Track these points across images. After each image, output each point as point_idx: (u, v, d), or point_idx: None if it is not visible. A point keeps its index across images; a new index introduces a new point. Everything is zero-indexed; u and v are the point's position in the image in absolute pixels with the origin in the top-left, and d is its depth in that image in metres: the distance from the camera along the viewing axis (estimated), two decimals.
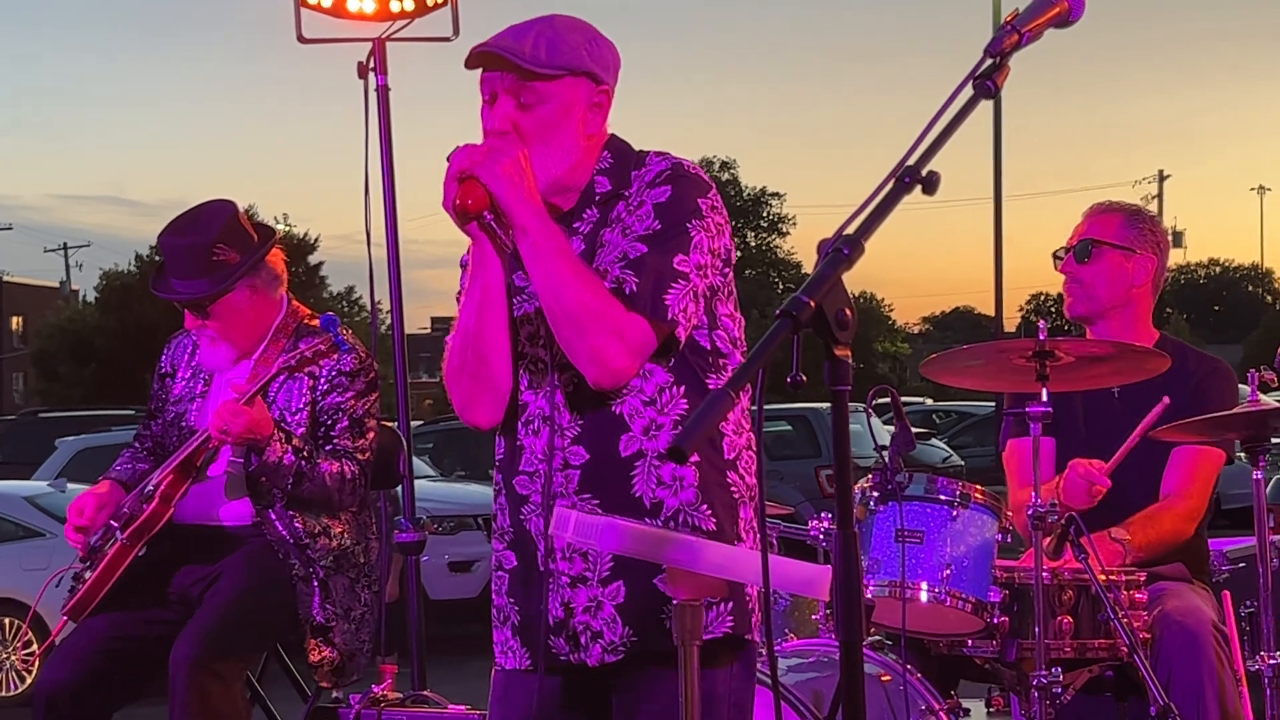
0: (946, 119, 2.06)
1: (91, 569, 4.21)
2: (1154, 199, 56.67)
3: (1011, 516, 3.67)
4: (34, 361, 47.59)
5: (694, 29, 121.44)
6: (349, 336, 4.19)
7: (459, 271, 2.88)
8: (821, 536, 4.19)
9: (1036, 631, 3.48)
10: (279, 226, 26.84)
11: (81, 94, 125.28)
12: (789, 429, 16.59)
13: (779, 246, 61.68)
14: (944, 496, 3.57)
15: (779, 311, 1.93)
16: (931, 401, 36.29)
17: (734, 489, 2.78)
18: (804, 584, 2.36)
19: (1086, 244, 4.15)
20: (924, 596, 3.49)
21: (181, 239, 4.23)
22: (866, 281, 63.59)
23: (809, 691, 3.75)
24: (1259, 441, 3.73)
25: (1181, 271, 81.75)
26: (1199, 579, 4.03)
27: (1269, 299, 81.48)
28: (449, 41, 5.66)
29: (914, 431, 3.69)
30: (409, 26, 5.67)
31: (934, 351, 4.02)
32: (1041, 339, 3.57)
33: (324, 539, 4.20)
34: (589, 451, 2.74)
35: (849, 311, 1.97)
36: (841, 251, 1.97)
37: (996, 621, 3.53)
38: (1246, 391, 3.77)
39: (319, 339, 4.12)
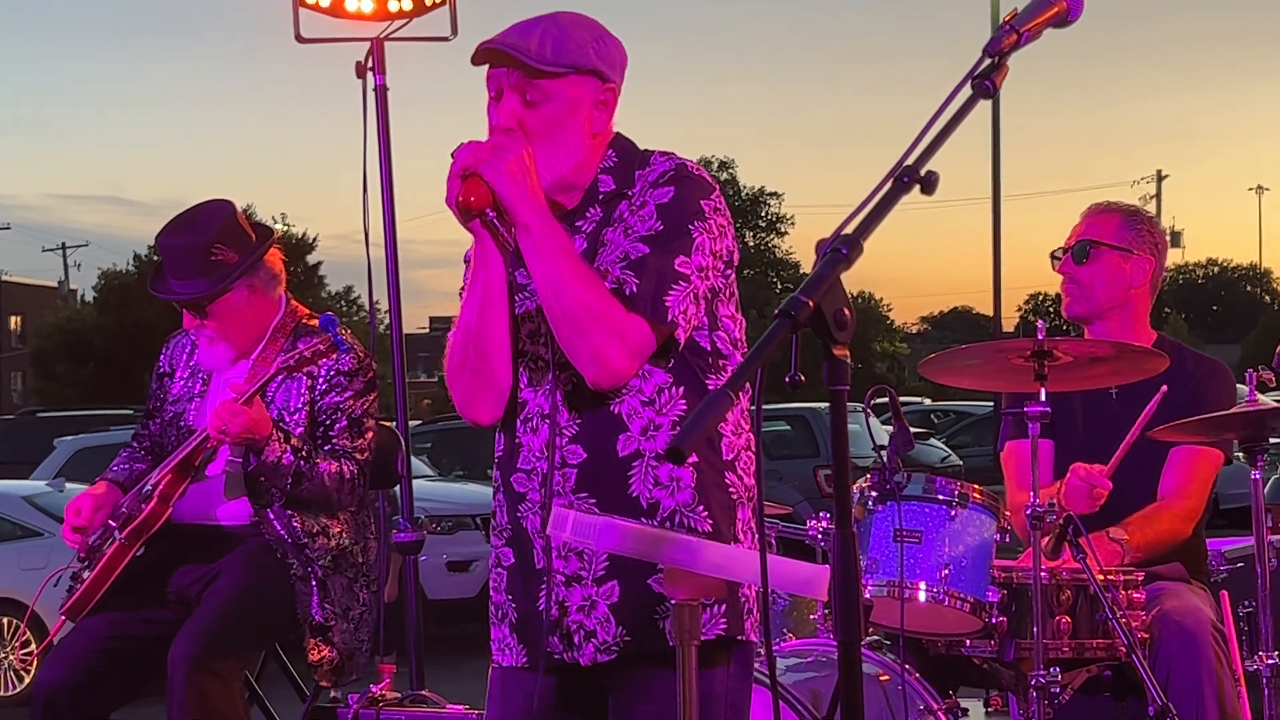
0: (945, 119, 2.06)
1: (89, 568, 4.20)
2: (1152, 199, 56.66)
3: (1010, 518, 3.67)
4: (32, 361, 47.58)
5: (693, 29, 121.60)
6: (348, 336, 4.18)
7: (457, 271, 2.88)
8: (820, 536, 4.19)
9: (1035, 631, 3.49)
10: (277, 226, 26.86)
11: (80, 94, 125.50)
12: (787, 429, 16.60)
13: (777, 246, 61.60)
14: (942, 496, 3.57)
15: (777, 311, 1.92)
16: (930, 401, 36.30)
17: (732, 490, 2.78)
18: (802, 584, 2.36)
19: (1084, 245, 4.15)
20: (922, 596, 3.49)
21: (180, 239, 4.23)
22: (865, 281, 63.57)
23: (807, 691, 3.75)
24: (1257, 441, 3.73)
25: (1180, 271, 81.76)
26: (1197, 579, 4.03)
27: (1267, 299, 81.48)
28: (447, 41, 5.66)
29: (912, 431, 3.69)
30: (407, 26, 5.66)
31: (932, 351, 4.02)
32: (1040, 339, 3.57)
33: (322, 538, 4.20)
34: (586, 451, 2.74)
35: (847, 311, 1.96)
36: (840, 251, 1.97)
37: (995, 621, 3.53)
38: (1245, 391, 3.77)
39: (318, 339, 4.11)
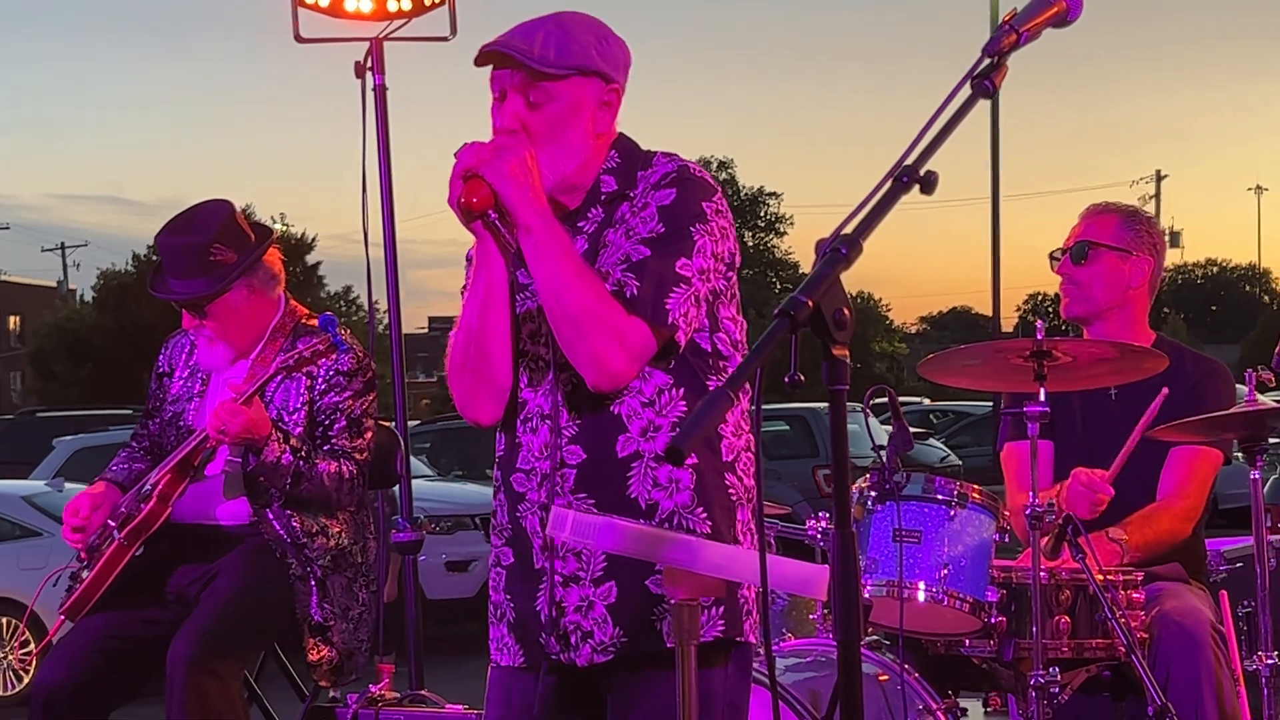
0: (945, 118, 2.06)
1: (88, 568, 4.20)
2: (1151, 199, 56.62)
3: (1010, 519, 3.66)
4: (31, 361, 47.53)
5: (692, 28, 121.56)
6: (347, 336, 4.18)
7: (457, 271, 2.88)
8: (819, 536, 4.19)
9: (1034, 631, 3.48)
10: (276, 226, 26.79)
11: (79, 93, 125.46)
12: (786, 429, 16.60)
13: (776, 246, 61.59)
14: (941, 496, 3.57)
15: (777, 311, 1.92)
16: (929, 401, 36.31)
17: (732, 491, 2.77)
18: (801, 583, 2.36)
19: (1083, 246, 4.15)
20: (921, 596, 3.49)
21: (179, 239, 4.23)
22: (864, 281, 63.55)
23: (806, 691, 3.75)
24: (1256, 441, 3.73)
25: (1179, 271, 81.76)
26: (1196, 579, 4.03)
27: (1266, 299, 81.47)
28: (446, 41, 5.65)
29: (911, 431, 3.69)
30: (406, 26, 5.66)
31: (931, 351, 4.02)
32: (1039, 339, 3.57)
33: (322, 538, 4.20)
34: (586, 451, 2.73)
35: (847, 311, 1.96)
36: (839, 251, 1.97)
37: (994, 621, 3.53)
38: (1244, 391, 3.77)
39: (317, 339, 4.11)
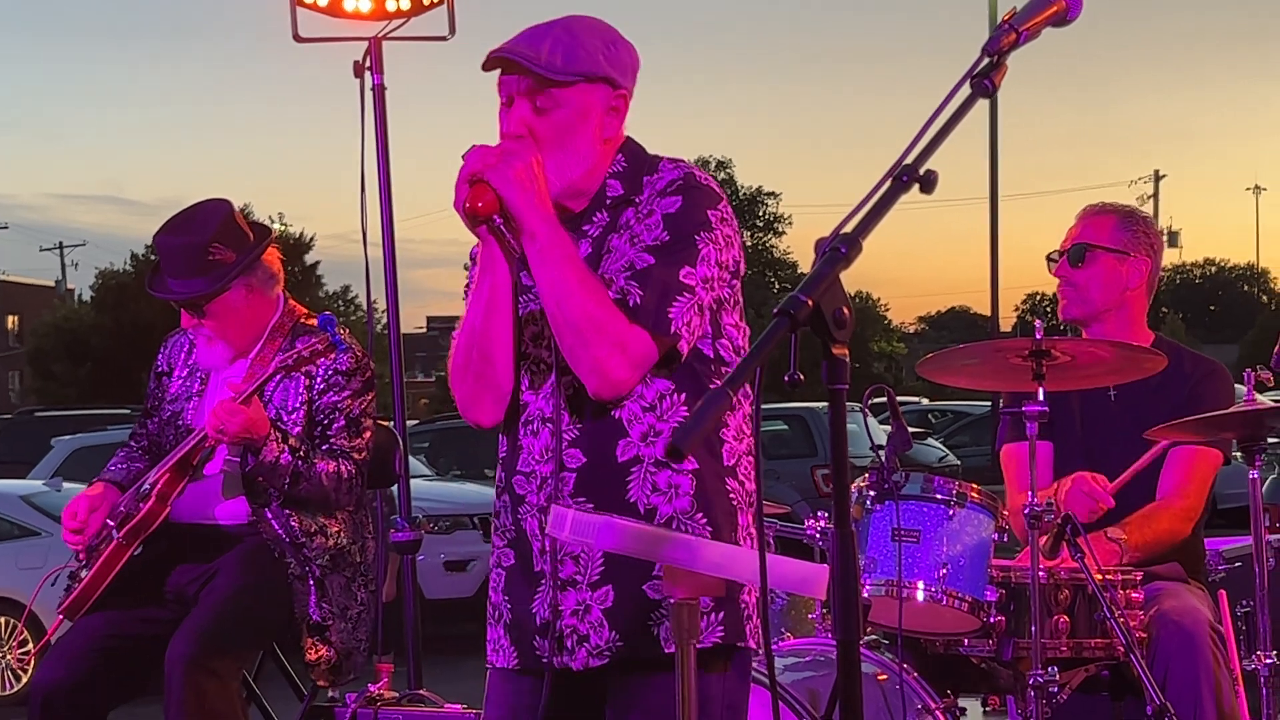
0: (944, 118, 2.05)
1: (87, 568, 4.20)
2: (1150, 199, 56.56)
3: (1010, 518, 3.66)
4: (29, 360, 47.52)
5: (691, 28, 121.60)
6: (346, 336, 4.17)
7: (455, 271, 2.92)
8: (818, 535, 4.19)
9: (1033, 631, 3.48)
10: (274, 226, 26.84)
11: (78, 93, 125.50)
12: (785, 429, 16.61)
13: (775, 246, 61.56)
14: (940, 496, 3.57)
15: (776, 310, 1.92)
16: (927, 401, 36.32)
17: (733, 496, 2.76)
18: (801, 583, 2.36)
19: (1080, 248, 4.14)
20: (920, 596, 3.49)
21: (177, 238, 4.23)
22: (862, 281, 63.58)
23: (805, 691, 3.75)
24: (1255, 441, 3.73)
25: (1177, 271, 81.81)
26: (1195, 579, 4.03)
27: (1264, 299, 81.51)
28: (445, 41, 5.65)
29: (910, 431, 3.69)
30: (405, 25, 5.65)
31: (929, 351, 4.02)
32: (1038, 338, 3.57)
33: (320, 538, 4.20)
34: (585, 455, 2.73)
35: (847, 310, 1.95)
36: (839, 250, 1.96)
37: (993, 621, 3.53)
38: (1243, 391, 3.77)
39: (316, 338, 4.11)
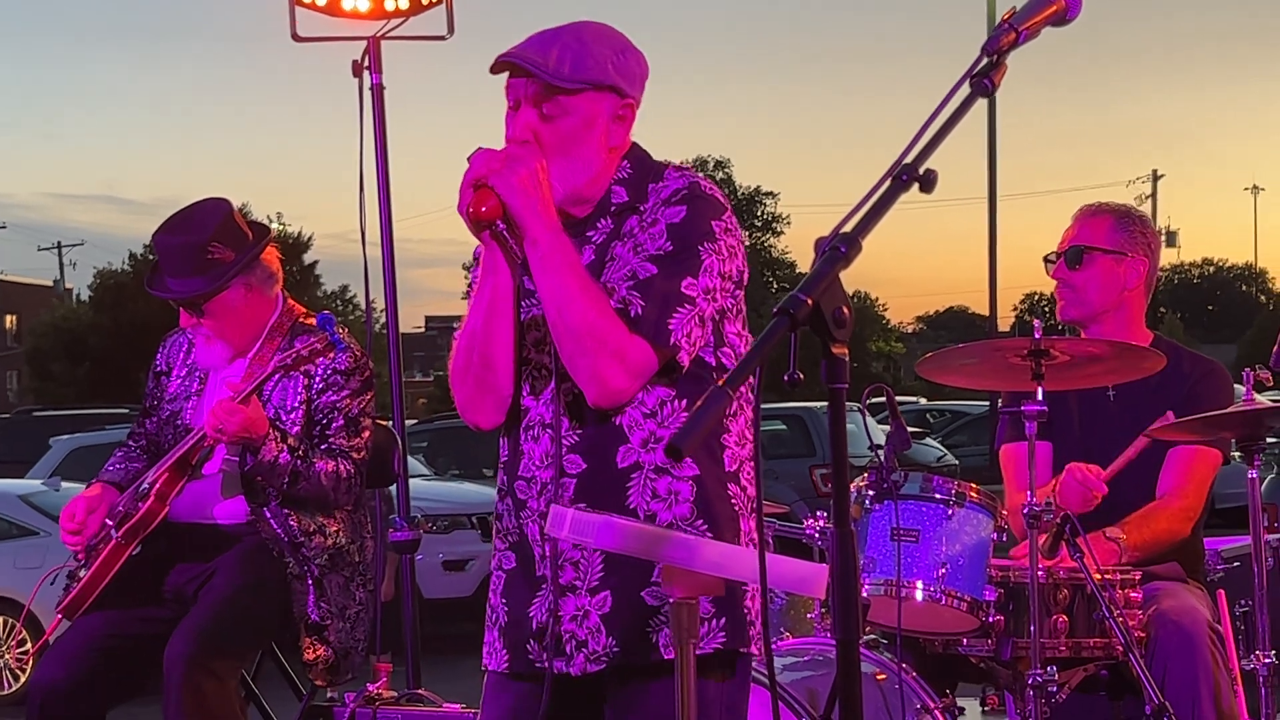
0: (943, 117, 2.05)
1: (86, 567, 4.20)
2: (1148, 198, 56.55)
3: (1009, 518, 3.66)
4: (28, 360, 47.52)
5: (689, 28, 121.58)
6: (345, 335, 4.17)
7: (454, 271, 2.95)
8: (817, 535, 4.19)
9: (1032, 630, 3.49)
10: (273, 225, 26.82)
11: (76, 92, 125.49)
12: (784, 428, 16.62)
13: (773, 246, 61.55)
14: (939, 495, 3.57)
15: (776, 310, 1.92)
16: (925, 401, 36.33)
17: (735, 501, 2.76)
18: (800, 582, 2.36)
19: (1077, 250, 4.14)
20: (919, 595, 3.49)
21: (176, 237, 4.23)
22: (861, 281, 63.62)
23: (804, 690, 3.75)
24: (1254, 441, 3.73)
25: (1175, 271, 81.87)
26: (1194, 578, 4.03)
27: (1263, 299, 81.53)
28: (443, 40, 5.65)
29: (908, 430, 3.69)
30: (403, 25, 5.65)
31: (928, 351, 4.01)
32: (1037, 337, 3.57)
33: (319, 537, 4.20)
34: (586, 461, 2.72)
35: (846, 310, 1.95)
36: (839, 249, 1.96)
37: (992, 620, 3.53)
38: (1241, 391, 3.77)
39: (315, 338, 4.11)
